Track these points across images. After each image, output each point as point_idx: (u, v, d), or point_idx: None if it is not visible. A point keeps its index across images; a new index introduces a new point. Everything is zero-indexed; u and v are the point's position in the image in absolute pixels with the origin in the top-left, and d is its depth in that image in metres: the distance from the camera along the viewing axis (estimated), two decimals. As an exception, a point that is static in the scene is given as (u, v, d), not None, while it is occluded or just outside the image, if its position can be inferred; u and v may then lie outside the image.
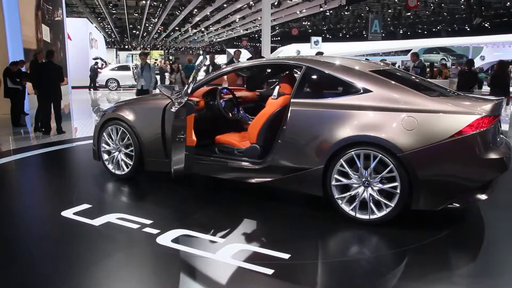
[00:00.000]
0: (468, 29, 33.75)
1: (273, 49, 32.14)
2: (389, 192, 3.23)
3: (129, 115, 4.44)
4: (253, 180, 3.85)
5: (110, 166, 4.66)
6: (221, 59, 46.04)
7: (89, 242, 3.18)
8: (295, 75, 4.31)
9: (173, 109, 3.81)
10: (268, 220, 3.59)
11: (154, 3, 25.90)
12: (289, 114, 3.60)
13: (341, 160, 3.32)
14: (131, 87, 20.78)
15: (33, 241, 3.27)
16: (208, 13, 28.43)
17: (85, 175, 5.19)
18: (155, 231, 3.25)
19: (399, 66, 28.13)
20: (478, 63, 38.47)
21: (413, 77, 4.22)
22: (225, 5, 25.77)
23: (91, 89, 20.26)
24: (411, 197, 3.17)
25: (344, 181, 3.36)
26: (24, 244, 3.19)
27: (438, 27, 35.70)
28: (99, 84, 20.65)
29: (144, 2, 25.55)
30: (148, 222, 3.45)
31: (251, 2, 23.88)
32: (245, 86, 5.61)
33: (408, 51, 30.25)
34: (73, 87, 18.36)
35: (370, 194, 3.28)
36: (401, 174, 3.14)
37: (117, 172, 4.61)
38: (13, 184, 5.09)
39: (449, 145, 3.06)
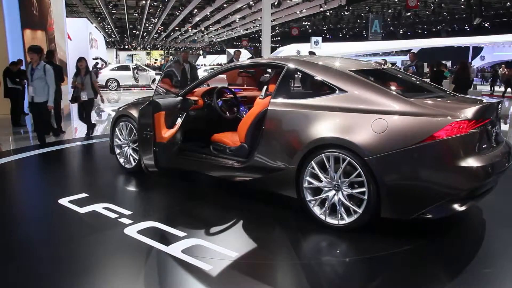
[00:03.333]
0: (468, 29, 33.76)
1: (273, 49, 32.13)
2: (361, 198, 3.07)
3: (136, 113, 4.64)
4: (237, 179, 3.88)
5: (121, 160, 4.93)
6: (221, 59, 46.15)
7: (64, 226, 3.49)
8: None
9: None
10: (243, 220, 3.53)
11: (154, 3, 25.91)
12: (267, 114, 3.61)
13: (312, 162, 3.25)
14: (131, 87, 20.82)
15: (22, 222, 3.64)
16: (208, 13, 28.45)
17: (88, 170, 5.53)
18: (128, 222, 3.42)
19: (400, 67, 28.09)
20: (478, 63, 38.58)
21: (407, 78, 4.05)
22: (225, 5, 25.79)
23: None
24: (380, 204, 3.00)
25: (316, 183, 3.26)
26: (14, 225, 3.57)
27: (438, 27, 35.73)
28: (99, 85, 20.63)
29: (144, 2, 25.57)
30: (128, 213, 3.62)
31: (251, 2, 23.89)
32: (245, 85, 5.65)
33: (408, 51, 30.28)
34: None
35: (339, 198, 3.15)
36: (369, 179, 2.98)
37: (127, 165, 4.87)
38: (14, 180, 5.19)
39: (420, 151, 2.84)
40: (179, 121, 4.18)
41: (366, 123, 3.05)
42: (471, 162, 2.85)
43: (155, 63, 38.15)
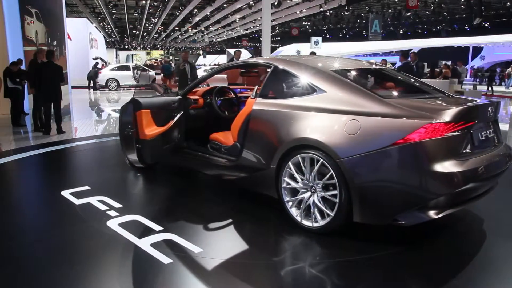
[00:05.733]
0: (468, 29, 33.75)
1: (273, 49, 32.12)
2: (334, 201, 3.01)
3: None
4: (227, 177, 3.93)
5: None
6: (221, 59, 46.10)
7: (56, 215, 3.73)
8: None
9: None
10: (227, 219, 3.53)
11: (154, 3, 25.88)
12: (251, 114, 3.63)
13: (289, 162, 3.23)
14: (130, 87, 20.82)
15: (20, 210, 3.96)
16: (208, 13, 28.42)
17: (92, 167, 5.78)
18: (115, 214, 3.58)
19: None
20: (478, 63, 38.55)
21: (398, 77, 3.91)
22: (225, 5, 25.76)
23: (90, 89, 20.22)
24: (351, 208, 2.91)
25: (293, 184, 3.24)
26: (13, 211, 3.90)
27: (438, 27, 35.70)
28: (99, 85, 20.65)
29: (144, 2, 25.55)
30: (118, 206, 3.78)
31: (251, 2, 23.87)
32: (246, 84, 5.70)
33: (408, 51, 30.33)
34: (73, 87, 18.35)
35: (314, 200, 3.12)
36: (340, 182, 2.91)
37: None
38: (19, 176, 5.32)
39: (390, 153, 2.74)
40: (176, 119, 4.23)
41: (340, 124, 2.99)
42: (447, 167, 2.70)
43: (155, 63, 38.40)
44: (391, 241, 3.06)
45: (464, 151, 2.86)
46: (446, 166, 2.70)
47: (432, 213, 2.80)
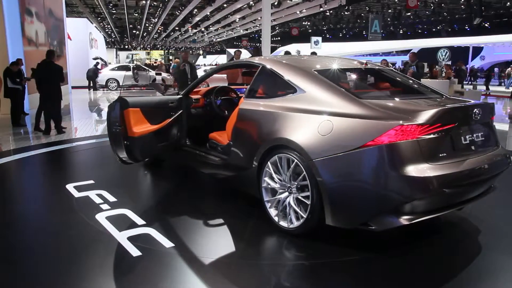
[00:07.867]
0: (468, 29, 33.76)
1: (273, 49, 32.12)
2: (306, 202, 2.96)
3: None
4: (219, 176, 3.94)
5: None
6: (221, 59, 46.12)
7: (52, 206, 3.92)
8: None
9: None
10: (215, 217, 3.55)
11: (154, 3, 25.91)
12: (238, 113, 3.65)
13: (268, 162, 3.21)
14: (130, 87, 20.83)
15: (22, 201, 4.18)
16: (208, 13, 28.44)
17: (96, 163, 5.88)
18: (106, 207, 3.70)
19: (399, 67, 28.06)
20: (478, 63, 38.55)
21: (389, 77, 3.82)
22: (225, 5, 25.78)
23: (90, 89, 20.23)
24: (323, 210, 2.84)
25: (272, 184, 3.22)
26: (15, 201, 4.17)
27: (438, 27, 35.70)
28: (99, 85, 20.65)
29: (144, 2, 25.56)
30: (112, 200, 3.90)
31: (251, 2, 23.89)
32: (245, 84, 5.72)
33: (408, 51, 30.30)
34: (73, 87, 18.35)
35: (289, 201, 3.08)
36: (312, 183, 2.86)
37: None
38: (21, 174, 5.40)
39: (360, 155, 2.65)
40: (172, 118, 4.29)
41: (314, 125, 2.94)
42: (419, 171, 2.56)
43: (155, 63, 38.31)
44: (373, 245, 2.99)
45: (441, 155, 2.71)
46: (418, 170, 2.57)
47: (405, 219, 2.66)
